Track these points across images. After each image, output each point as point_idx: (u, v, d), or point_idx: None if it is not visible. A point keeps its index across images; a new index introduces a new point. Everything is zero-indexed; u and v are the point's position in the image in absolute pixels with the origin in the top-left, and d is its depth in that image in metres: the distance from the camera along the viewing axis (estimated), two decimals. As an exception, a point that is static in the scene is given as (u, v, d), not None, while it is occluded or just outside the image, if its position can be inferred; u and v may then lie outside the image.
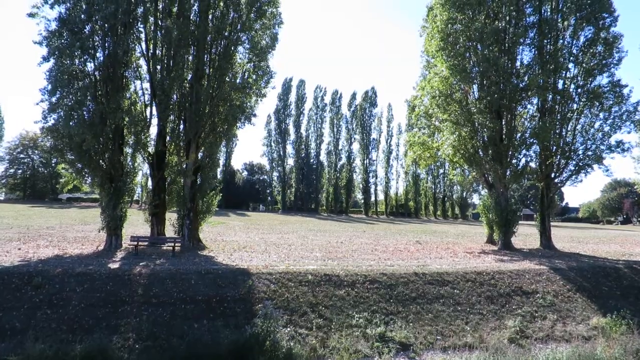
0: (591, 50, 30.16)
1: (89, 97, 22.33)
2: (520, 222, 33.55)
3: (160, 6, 24.98)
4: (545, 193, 32.29)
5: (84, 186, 28.58)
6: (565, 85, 30.92)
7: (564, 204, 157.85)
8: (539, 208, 32.67)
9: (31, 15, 22.17)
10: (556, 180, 32.28)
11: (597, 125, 30.53)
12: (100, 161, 23.19)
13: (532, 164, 32.27)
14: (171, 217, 26.50)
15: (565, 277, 21.24)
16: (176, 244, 22.43)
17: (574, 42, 30.60)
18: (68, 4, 22.17)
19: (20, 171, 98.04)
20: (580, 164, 30.92)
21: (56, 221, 41.02)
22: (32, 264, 17.51)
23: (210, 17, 24.90)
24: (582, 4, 29.71)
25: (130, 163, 24.75)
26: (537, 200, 33.52)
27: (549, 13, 31.02)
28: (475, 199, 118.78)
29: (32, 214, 50.55)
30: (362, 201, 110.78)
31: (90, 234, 29.66)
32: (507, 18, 29.24)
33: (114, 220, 23.14)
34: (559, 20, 30.76)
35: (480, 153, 30.08)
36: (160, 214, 25.95)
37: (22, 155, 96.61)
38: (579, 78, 30.56)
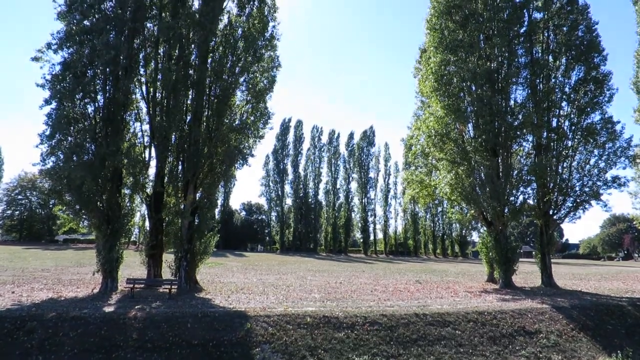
0: (583, 89, 30.79)
1: (88, 139, 22.55)
2: (520, 259, 33.29)
3: (161, 51, 25.58)
4: (545, 230, 32.18)
5: (81, 227, 28.43)
6: (559, 123, 31.39)
7: (564, 240, 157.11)
8: (538, 245, 32.47)
9: (35, 59, 22.61)
10: (555, 217, 32.23)
11: (592, 161, 30.79)
12: (98, 202, 23.14)
13: (530, 201, 32.27)
14: (168, 259, 26.23)
15: (568, 316, 20.88)
16: (173, 286, 22.12)
17: (566, 80, 31.27)
18: (71, 49, 22.67)
19: (17, 212, 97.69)
20: (578, 200, 30.97)
21: (52, 263, 40.54)
22: (25, 308, 17.17)
23: (209, 60, 25.43)
24: (572, 45, 30.54)
25: (128, 204, 24.70)
26: (537, 237, 33.35)
27: (540, 54, 31.85)
28: (475, 236, 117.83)
29: (27, 255, 50.03)
30: (361, 240, 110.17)
31: (86, 276, 29.25)
32: (500, 59, 29.96)
33: (110, 262, 22.88)
34: (550, 60, 31.54)
35: (478, 191, 30.13)
36: (157, 256, 25.69)
37: (20, 197, 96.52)
38: (572, 116, 31.05)
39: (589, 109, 30.52)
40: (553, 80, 31.13)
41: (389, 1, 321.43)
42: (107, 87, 23.63)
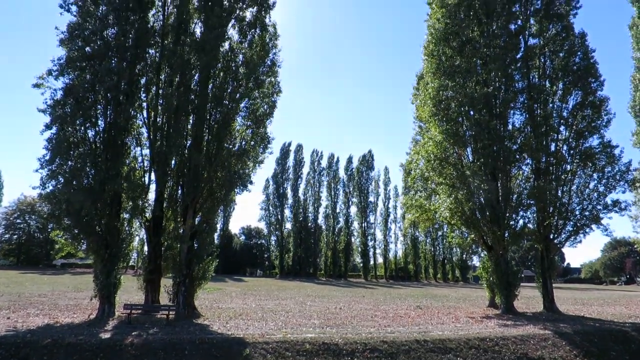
0: (580, 113, 31.03)
1: (88, 164, 22.63)
2: (522, 284, 33.01)
3: (163, 76, 25.88)
4: (545, 254, 31.97)
5: (79, 252, 28.28)
6: (558, 147, 31.52)
7: (565, 264, 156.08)
8: (539, 270, 32.20)
9: (36, 85, 22.82)
10: (555, 241, 32.08)
11: (591, 185, 30.83)
12: (97, 227, 23.07)
13: (530, 225, 32.17)
14: (166, 284, 25.98)
15: (571, 342, 20.58)
16: (170, 312, 21.87)
17: (563, 105, 31.54)
18: (73, 75, 22.93)
19: (15, 237, 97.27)
20: (578, 224, 30.87)
21: (48, 288, 40.16)
22: (20, 334, 16.94)
23: (210, 86, 25.67)
24: (569, 70, 30.93)
25: (127, 228, 24.63)
26: (538, 262, 33.11)
27: (537, 79, 32.22)
28: (476, 261, 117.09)
29: (24, 280, 49.60)
30: (361, 265, 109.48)
31: (82, 302, 28.94)
32: (497, 84, 30.29)
33: (108, 287, 22.66)
34: (548, 85, 31.90)
35: (478, 215, 30.06)
36: (156, 281, 25.47)
37: (18, 221, 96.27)
38: (570, 140, 31.21)
39: (587, 133, 30.71)
40: (550, 105, 31.42)
41: (387, 30, 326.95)
42: (108, 112, 23.83)
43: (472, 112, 29.53)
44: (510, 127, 31.01)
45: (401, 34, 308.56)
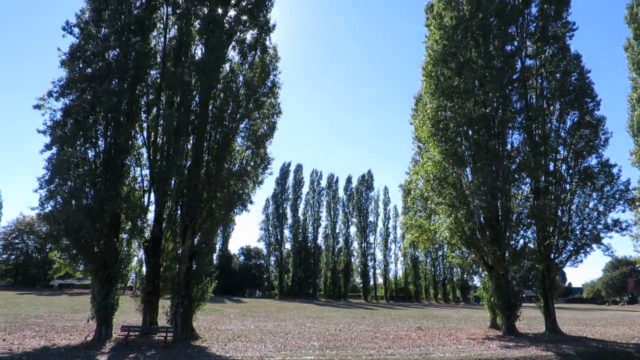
0: (578, 133, 31.23)
1: (88, 184, 22.62)
2: (523, 304, 32.72)
3: (163, 97, 26.08)
4: (547, 274, 31.77)
5: (77, 273, 28.09)
6: (557, 167, 31.64)
7: (566, 284, 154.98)
8: (540, 290, 31.95)
9: (37, 107, 22.97)
10: (556, 261, 31.91)
11: (591, 204, 30.82)
12: (95, 247, 22.95)
13: (531, 245, 32.05)
14: (164, 305, 25.74)
15: (574, 365, 20.31)
16: (168, 334, 21.60)
17: (561, 125, 31.76)
18: (73, 96, 23.09)
19: (13, 257, 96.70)
20: (579, 244, 30.77)
21: (45, 309, 39.78)
22: (16, 357, 16.72)
23: (210, 107, 25.85)
24: (565, 91, 31.22)
25: (125, 249, 24.51)
26: (539, 282, 32.85)
27: (534, 99, 32.49)
28: (477, 281, 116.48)
29: (21, 301, 49.13)
30: (361, 285, 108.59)
31: (80, 323, 28.61)
32: (495, 104, 30.50)
33: (105, 309, 22.40)
34: (545, 105, 32.15)
35: (478, 235, 29.97)
36: (154, 302, 25.24)
37: (16, 241, 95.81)
38: (569, 159, 31.34)
39: (585, 153, 30.85)
40: (548, 125, 31.64)
41: (387, 48, 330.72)
42: (109, 133, 23.91)
43: (470, 132, 29.71)
44: (508, 146, 31.17)
45: (401, 53, 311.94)
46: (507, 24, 31.87)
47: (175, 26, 27.03)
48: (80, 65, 23.50)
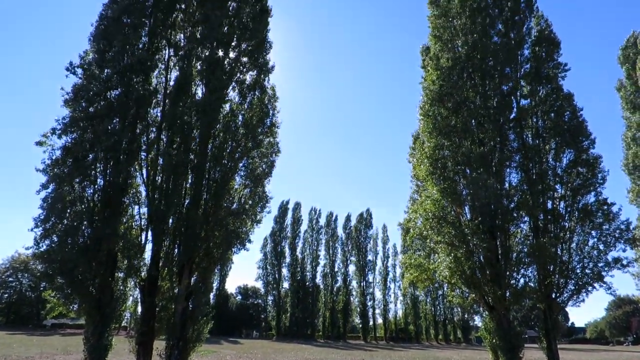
0: (574, 171, 31.41)
1: (84, 222, 22.50)
2: (526, 345, 32.03)
3: (164, 137, 26.33)
4: (549, 314, 31.24)
5: (70, 312, 27.59)
6: (555, 205, 31.64)
7: (569, 324, 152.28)
8: (543, 331, 31.35)
9: (39, 143, 23.05)
10: (558, 300, 31.45)
11: (590, 243, 30.64)
12: (90, 287, 22.61)
13: (531, 284, 31.66)
14: (158, 347, 25.14)
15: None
16: (163, 378, 20.99)
17: (557, 163, 32.00)
18: (75, 134, 23.28)
19: (6, 295, 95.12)
20: (580, 282, 30.40)
21: (37, 350, 38.85)
22: (4, 403, 16.19)
23: (209, 146, 26.09)
24: (560, 130, 31.61)
25: (121, 288, 24.16)
26: (541, 322, 32.25)
27: (530, 138, 32.85)
28: (478, 321, 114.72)
29: (12, 341, 48.05)
30: (360, 326, 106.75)
31: (71, 366, 27.85)
32: (492, 143, 30.79)
33: (98, 350, 21.86)
34: (541, 144, 32.48)
35: (478, 274, 29.65)
36: (148, 343, 24.61)
37: (10, 279, 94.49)
38: (567, 197, 31.39)
39: (582, 191, 30.92)
40: (545, 163, 31.85)
41: (385, 87, 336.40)
42: (108, 171, 23.99)
43: (468, 171, 29.86)
44: (506, 185, 31.24)
45: (399, 92, 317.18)
46: (503, 64, 32.58)
47: (177, 67, 27.56)
48: (83, 105, 23.81)
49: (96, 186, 23.68)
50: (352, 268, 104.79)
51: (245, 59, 27.39)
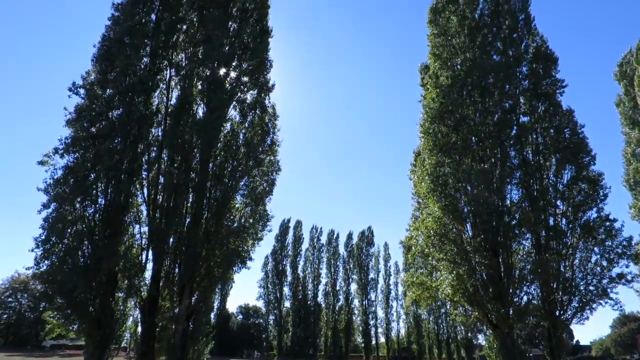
0: (576, 187, 31.30)
1: (85, 242, 22.46)
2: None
3: (164, 155, 26.43)
4: (553, 332, 30.86)
5: (70, 333, 27.34)
6: (557, 221, 31.46)
7: (574, 342, 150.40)
8: (547, 349, 30.94)
9: (41, 163, 23.18)
10: (562, 318, 31.10)
11: (593, 259, 30.37)
12: (90, 307, 22.45)
13: (535, 302, 31.36)
14: (159, 368, 24.88)
15: None
16: (163, 400, 20.72)
17: (558, 180, 31.89)
18: (77, 154, 23.39)
19: (5, 316, 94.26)
20: (584, 300, 30.08)
21: (36, 373, 38.36)
22: None
23: (210, 165, 26.17)
24: (560, 146, 31.62)
25: (121, 308, 24.01)
26: (545, 340, 31.83)
27: (530, 155, 32.87)
28: (481, 339, 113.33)
29: (11, 364, 47.47)
30: (362, 345, 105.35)
31: (70, 389, 27.49)
32: (492, 160, 30.83)
33: (98, 371, 21.65)
34: (541, 160, 32.48)
35: (481, 292, 29.41)
36: (148, 364, 24.38)
37: (10, 299, 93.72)
38: (568, 214, 31.23)
39: (584, 207, 30.79)
40: (546, 180, 31.81)
41: (387, 104, 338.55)
42: (109, 190, 24.05)
43: (469, 188, 29.83)
44: (508, 202, 31.17)
45: (399, 109, 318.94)
46: (502, 82, 32.80)
47: (178, 86, 27.84)
48: (85, 125, 23.98)
49: (97, 205, 23.73)
50: (353, 286, 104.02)
51: (246, 79, 27.67)
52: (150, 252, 25.20)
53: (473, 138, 31.33)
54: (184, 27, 28.34)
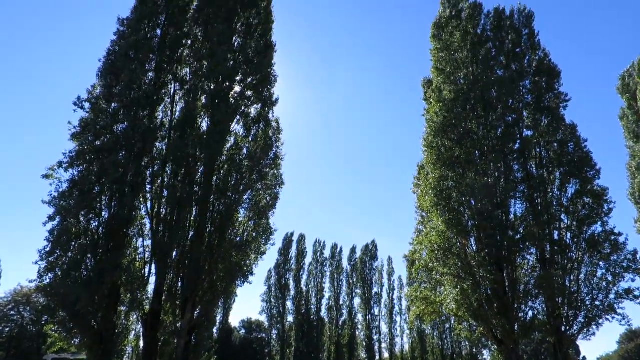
0: (580, 201, 31.12)
1: (88, 255, 22.45)
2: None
3: (168, 170, 26.52)
4: (559, 348, 30.46)
5: (72, 347, 27.20)
6: (561, 235, 31.24)
7: (581, 358, 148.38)
8: (554, 365, 30.53)
9: (46, 176, 23.30)
10: (568, 334, 30.72)
11: (599, 274, 30.08)
12: (92, 321, 22.36)
13: (540, 317, 31.03)
14: (161, 383, 24.68)
15: None
16: (164, 415, 20.53)
17: (563, 194, 31.73)
18: (82, 167, 23.51)
19: (7, 329, 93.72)
20: (590, 315, 29.74)
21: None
22: None
23: (214, 178, 26.23)
24: (564, 160, 31.51)
25: (123, 322, 23.92)
26: (551, 356, 31.40)
27: (534, 169, 32.78)
28: (486, 355, 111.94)
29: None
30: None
31: (71, 404, 27.27)
32: (496, 174, 30.77)
33: (100, 386, 21.49)
34: (545, 174, 32.38)
35: (486, 307, 29.13)
36: (150, 379, 24.19)
37: (12, 312, 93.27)
38: (573, 228, 31.02)
39: (588, 221, 30.59)
40: (550, 194, 31.67)
41: (391, 118, 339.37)
42: (113, 204, 24.10)
43: (473, 202, 29.72)
44: (512, 216, 31.03)
45: (401, 123, 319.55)
46: (506, 96, 32.88)
47: (182, 101, 28.02)
48: (90, 138, 24.12)
49: (101, 219, 23.77)
50: (357, 301, 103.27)
51: (250, 93, 27.87)
52: (153, 266, 25.14)
53: (477, 152, 31.32)
54: (189, 42, 28.61)
